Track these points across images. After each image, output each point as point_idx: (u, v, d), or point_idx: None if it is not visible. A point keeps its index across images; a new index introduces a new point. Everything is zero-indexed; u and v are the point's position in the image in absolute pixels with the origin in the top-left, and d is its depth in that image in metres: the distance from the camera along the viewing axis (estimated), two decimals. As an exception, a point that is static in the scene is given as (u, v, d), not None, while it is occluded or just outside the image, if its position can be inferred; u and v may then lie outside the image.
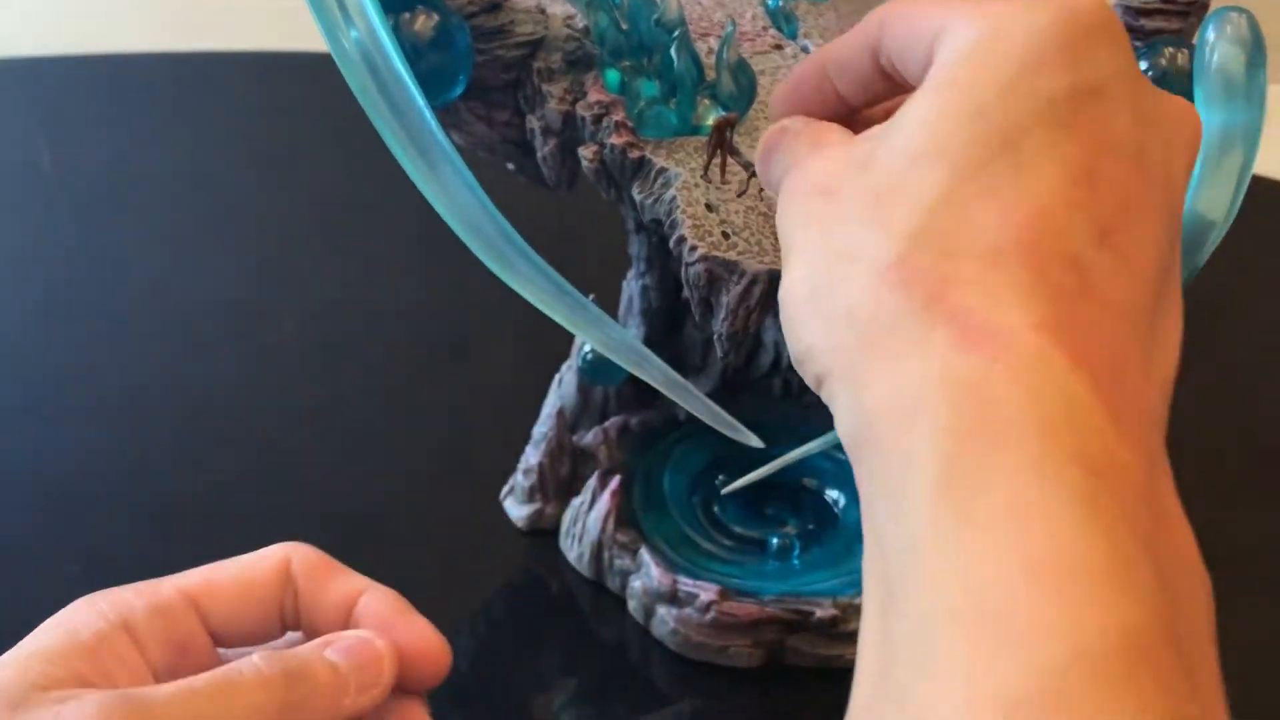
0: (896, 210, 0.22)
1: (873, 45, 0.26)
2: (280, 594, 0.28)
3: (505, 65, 0.39)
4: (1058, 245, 0.21)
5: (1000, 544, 0.17)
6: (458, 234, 0.32)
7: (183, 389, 0.51)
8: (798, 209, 0.25)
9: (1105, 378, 0.19)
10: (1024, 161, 0.21)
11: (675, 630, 0.37)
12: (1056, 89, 0.21)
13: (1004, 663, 0.16)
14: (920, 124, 0.22)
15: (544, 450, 0.42)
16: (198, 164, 0.67)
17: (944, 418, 0.19)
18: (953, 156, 0.21)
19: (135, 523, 0.45)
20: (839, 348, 0.22)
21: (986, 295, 0.20)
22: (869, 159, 0.23)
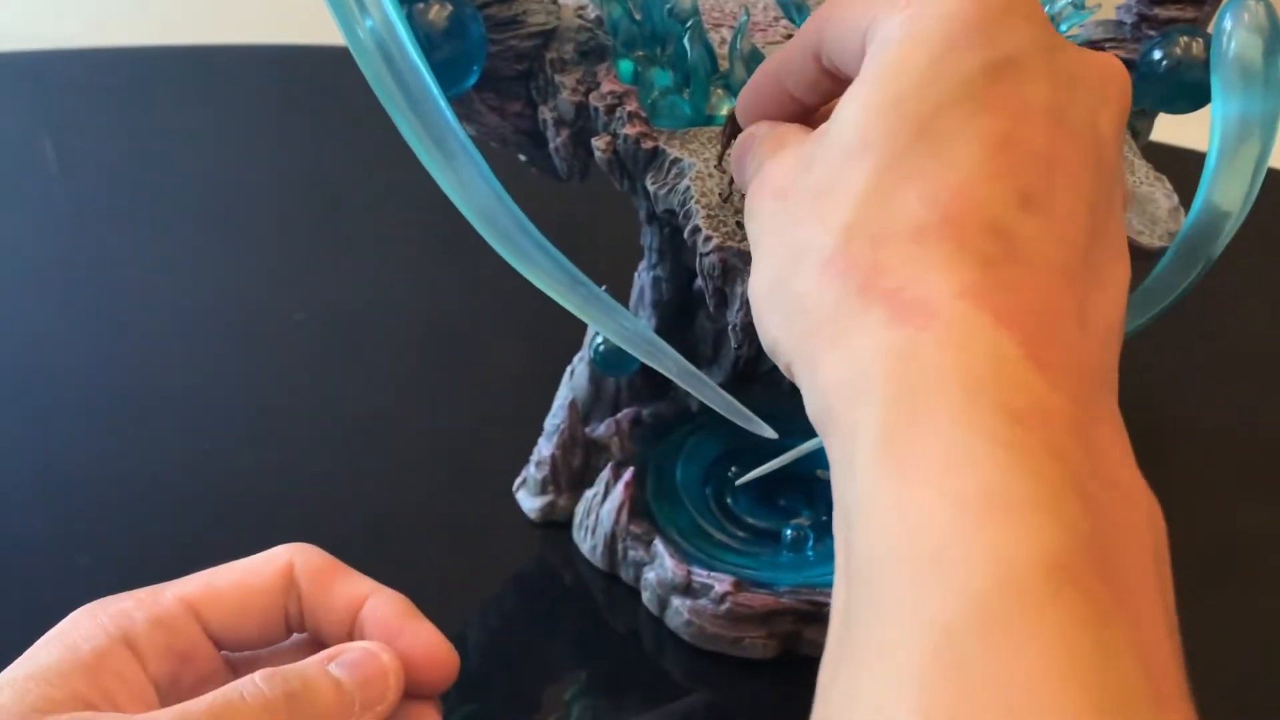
0: (832, 206, 0.23)
1: (813, 48, 0.27)
2: (283, 599, 0.28)
3: (518, 56, 0.39)
4: (979, 215, 0.22)
5: (933, 490, 0.19)
6: (473, 225, 0.32)
7: (191, 384, 0.51)
8: (758, 213, 0.27)
9: (1033, 332, 0.21)
10: (941, 142, 0.22)
11: (690, 621, 0.37)
12: (970, 68, 0.22)
13: (939, 591, 0.18)
14: (846, 123, 0.23)
15: (556, 442, 0.42)
16: (202, 159, 0.67)
17: (882, 388, 0.20)
18: (876, 148, 0.23)
19: (144, 518, 0.45)
20: (796, 337, 0.23)
21: (913, 272, 0.22)
22: (810, 160, 0.25)
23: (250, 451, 0.48)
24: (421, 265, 0.59)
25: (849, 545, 0.20)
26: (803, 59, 0.28)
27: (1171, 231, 0.38)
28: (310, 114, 0.72)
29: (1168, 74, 0.39)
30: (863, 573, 0.19)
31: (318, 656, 0.27)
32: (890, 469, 0.19)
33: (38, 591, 0.42)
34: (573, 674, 0.39)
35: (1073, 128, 0.23)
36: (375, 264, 0.60)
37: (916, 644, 0.17)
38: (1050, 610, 0.17)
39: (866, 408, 0.20)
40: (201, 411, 0.49)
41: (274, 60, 0.76)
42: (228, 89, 0.74)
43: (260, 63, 0.76)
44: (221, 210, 0.63)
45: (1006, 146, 0.22)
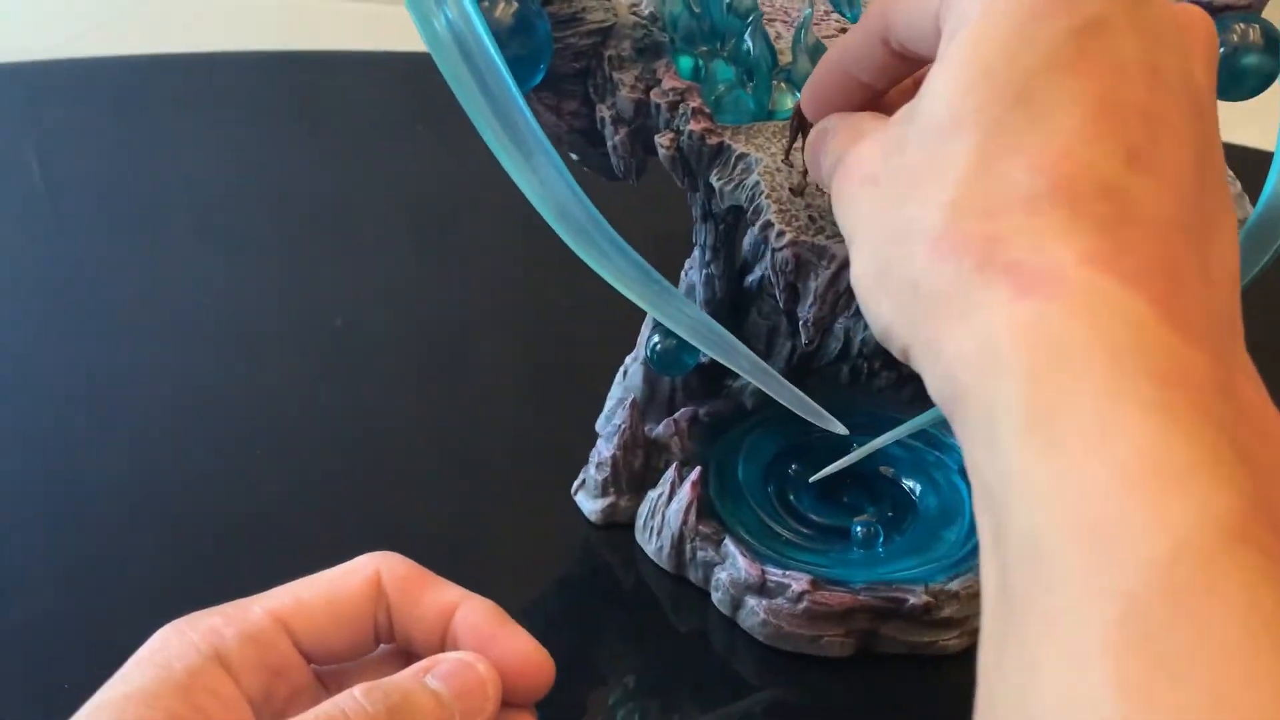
0: (933, 185, 0.23)
1: (880, 33, 0.27)
2: (372, 609, 0.28)
3: (576, 54, 0.39)
4: (1089, 178, 0.21)
5: (1088, 460, 0.18)
6: (549, 221, 0.32)
7: (237, 397, 0.50)
8: (849, 201, 0.26)
9: (1159, 290, 0.20)
10: (1040, 110, 0.22)
11: (766, 621, 0.37)
12: (1057, 33, 0.22)
13: (1115, 563, 0.17)
14: (938, 100, 0.23)
15: (617, 443, 0.42)
16: (195, 168, 0.66)
17: (1016, 362, 0.20)
18: (972, 122, 0.22)
19: (208, 538, 0.44)
20: (912, 322, 0.23)
21: (1030, 243, 0.21)
22: (901, 142, 0.25)
23: (301, 463, 0.47)
24: (467, 275, 0.59)
25: (1000, 523, 0.20)
26: (870, 44, 0.28)
27: (1238, 219, 0.38)
28: (302, 120, 0.71)
29: (1226, 61, 0.39)
30: (1024, 550, 0.19)
31: (414, 668, 0.26)
32: (1042, 443, 0.19)
33: (105, 609, 0.41)
34: (645, 675, 0.39)
35: (1169, 81, 0.23)
36: (401, 270, 0.59)
37: (1099, 616, 0.17)
38: (1233, 571, 0.17)
39: (1004, 383, 0.20)
40: (247, 425, 0.49)
41: (258, 67, 0.76)
42: (218, 97, 0.73)
43: (248, 70, 0.76)
44: (224, 219, 0.62)
45: (1106, 106, 0.22)
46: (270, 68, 0.76)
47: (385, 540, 0.43)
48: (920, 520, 0.41)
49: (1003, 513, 0.19)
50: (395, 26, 0.98)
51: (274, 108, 0.73)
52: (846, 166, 0.27)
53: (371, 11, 1.02)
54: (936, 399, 0.23)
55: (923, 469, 0.43)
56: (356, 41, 0.81)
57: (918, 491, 0.42)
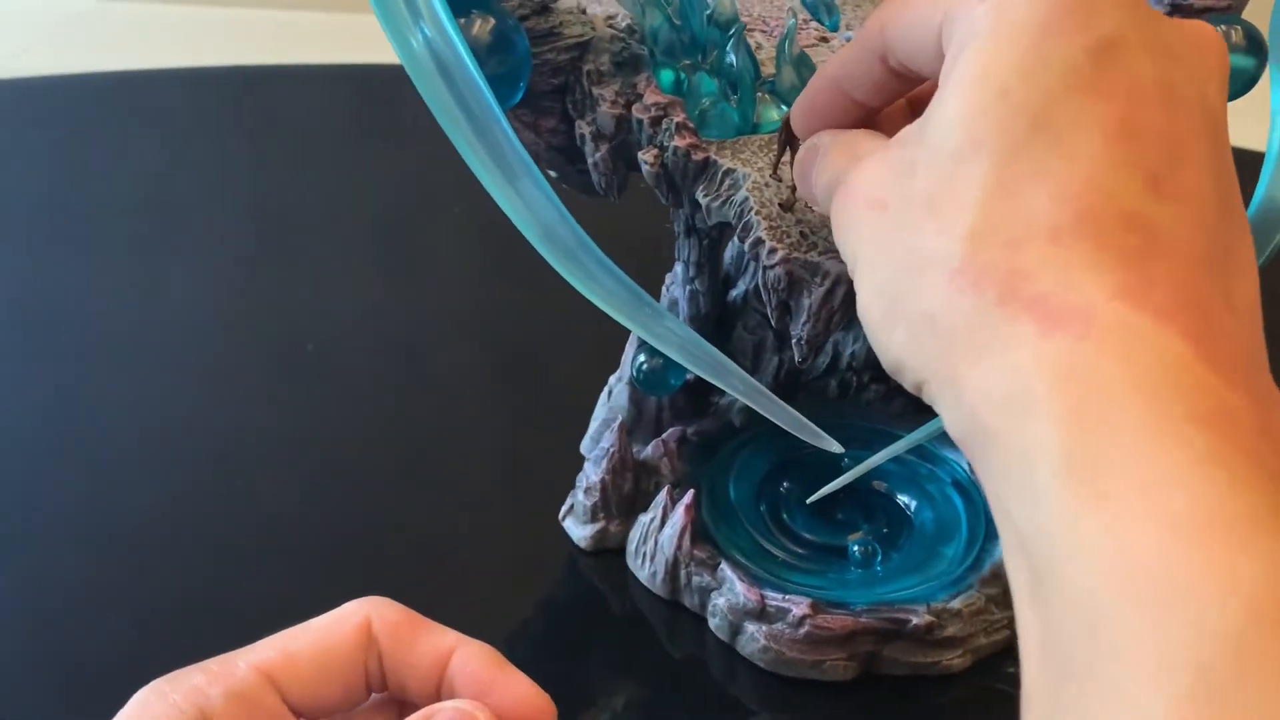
0: (949, 212, 0.22)
1: (878, 50, 0.26)
2: (363, 658, 0.26)
3: (554, 69, 0.38)
4: (1113, 208, 0.21)
5: (1140, 514, 0.18)
6: (534, 244, 0.31)
7: (199, 423, 0.49)
8: (853, 226, 0.25)
9: (1192, 326, 0.20)
10: (1060, 134, 0.21)
11: (767, 647, 0.36)
12: (1073, 53, 0.21)
13: (1178, 630, 0.16)
14: (951, 122, 0.22)
15: (606, 466, 0.40)
16: (142, 185, 0.64)
17: (1050, 405, 0.19)
18: (989, 146, 0.22)
19: (175, 575, 0.42)
20: (928, 356, 0.22)
21: (1056, 276, 0.20)
22: (910, 165, 0.23)
23: (274, 488, 0.46)
24: (441, 296, 0.58)
25: (1041, 575, 0.19)
26: (866, 61, 0.27)
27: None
28: (252, 135, 0.69)
29: (1210, 63, 0.38)
30: (1076, 611, 0.18)
31: (412, 718, 0.25)
32: (1087, 494, 0.18)
33: (80, 645, 0.39)
34: (641, 703, 0.38)
35: (1185, 103, 0.22)
36: (364, 289, 0.57)
37: (1168, 689, 0.16)
38: None
39: (1038, 426, 0.19)
40: (226, 446, 0.47)
41: (205, 82, 0.74)
42: (164, 114, 0.72)
43: (194, 86, 0.74)
44: (176, 238, 0.60)
45: (1127, 131, 0.21)
46: (217, 83, 0.75)
47: (364, 572, 0.43)
48: (917, 536, 0.40)
49: (1045, 565, 0.19)
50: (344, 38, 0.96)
51: (223, 124, 0.71)
52: (849, 189, 0.26)
53: (319, 23, 1.00)
54: (956, 437, 0.22)
55: (916, 483, 0.42)
56: (304, 54, 0.79)
57: (913, 507, 0.41)
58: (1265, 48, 0.38)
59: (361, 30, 0.81)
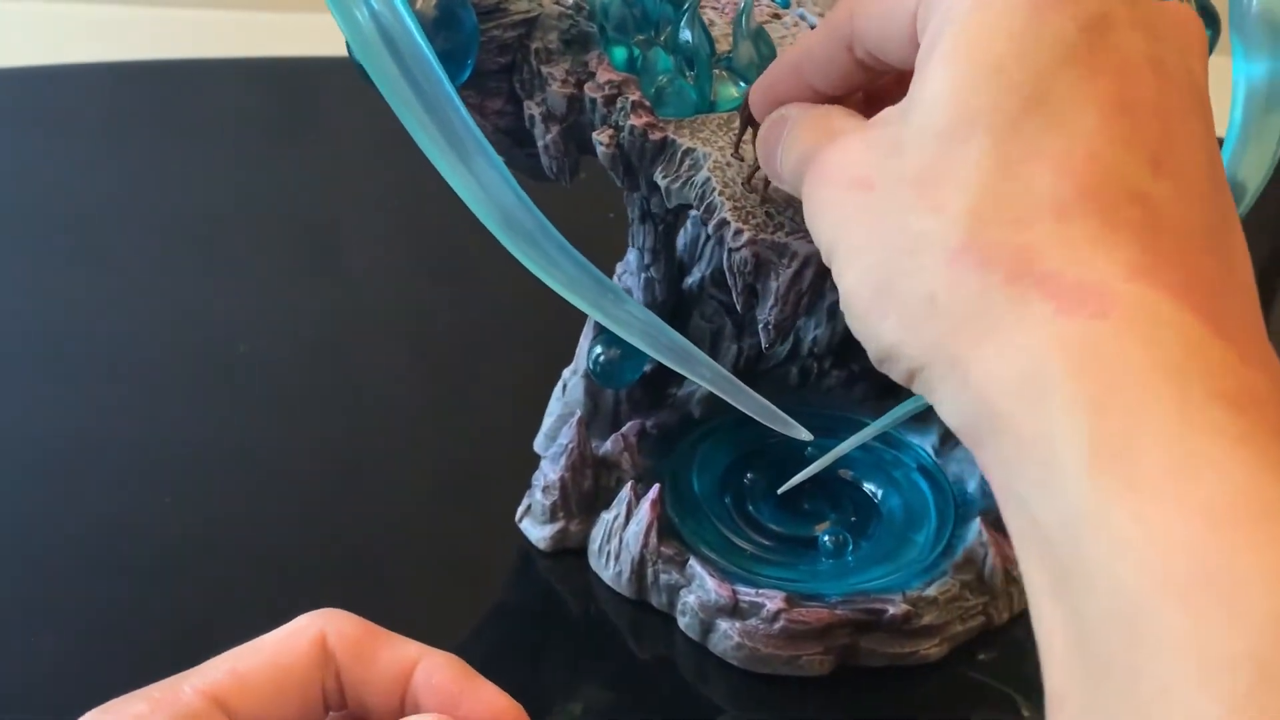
0: (945, 191, 0.21)
1: (845, 38, 0.26)
2: (320, 675, 0.24)
3: (500, 47, 0.36)
4: (1118, 184, 0.20)
5: (1173, 502, 0.17)
6: (491, 228, 0.29)
7: (129, 433, 0.46)
8: (831, 206, 0.24)
9: (1205, 304, 0.19)
10: (1058, 110, 0.21)
11: (740, 644, 0.35)
12: (1065, 28, 0.21)
13: (1227, 623, 0.16)
14: (942, 98, 0.22)
15: (565, 464, 0.39)
16: (71, 185, 0.61)
17: (1070, 388, 0.18)
18: (985, 124, 0.21)
19: (121, 576, 0.40)
20: (928, 340, 0.21)
21: (1067, 254, 0.20)
22: (896, 144, 0.23)
23: (208, 498, 0.43)
24: (340, 288, 0.55)
25: (1067, 570, 0.18)
26: (832, 50, 0.26)
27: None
28: (168, 132, 0.66)
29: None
30: (1112, 606, 0.17)
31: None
32: (1116, 482, 0.17)
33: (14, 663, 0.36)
34: (608, 707, 0.36)
35: (1174, 79, 0.22)
36: (292, 289, 0.55)
37: (1227, 687, 0.15)
38: None
39: (1055, 412, 0.18)
40: (174, 450, 0.45)
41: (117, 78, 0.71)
42: (76, 111, 0.68)
43: (106, 81, 0.71)
44: (93, 239, 0.57)
45: (1124, 107, 0.21)
46: (129, 79, 0.71)
47: (308, 584, 0.40)
48: (886, 524, 0.39)
49: (1072, 559, 0.18)
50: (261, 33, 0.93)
51: (136, 121, 0.67)
52: (824, 167, 0.25)
53: (235, 20, 0.97)
54: (957, 425, 0.21)
55: (882, 469, 0.41)
56: (219, 49, 0.77)
57: (880, 495, 0.40)
58: (1218, 19, 0.38)
59: (279, 24, 0.78)
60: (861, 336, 0.23)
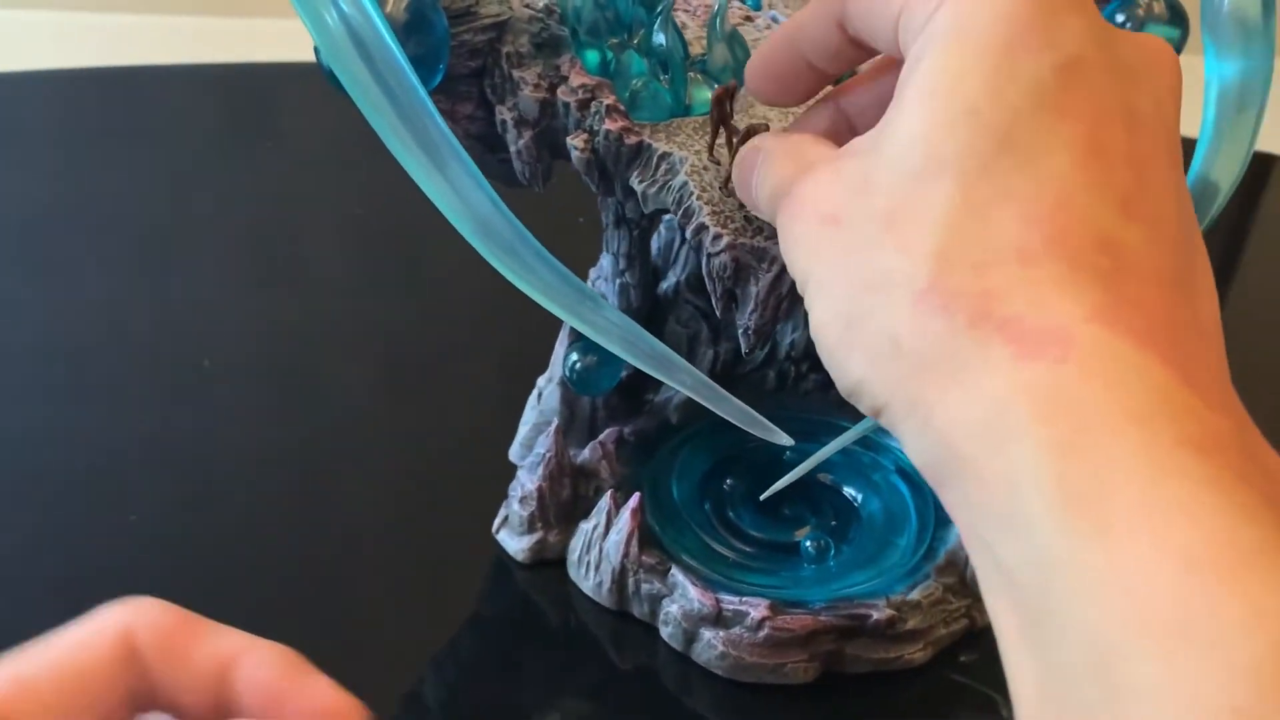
0: (912, 231, 0.21)
1: (837, 15, 0.25)
2: (125, 677, 0.21)
3: (471, 51, 0.35)
4: (1085, 229, 0.20)
5: (1147, 547, 0.17)
6: (466, 236, 0.28)
7: (126, 437, 0.45)
8: (804, 240, 0.24)
9: (1169, 348, 0.19)
10: (1028, 153, 0.21)
11: (724, 653, 0.34)
12: (1039, 71, 0.21)
13: (1208, 670, 0.15)
14: (913, 138, 0.22)
15: (542, 473, 0.38)
16: (90, 181, 0.60)
17: (1034, 432, 0.18)
18: (956, 165, 0.21)
19: (97, 589, 0.38)
20: (891, 380, 0.21)
21: (1030, 298, 0.20)
22: (867, 180, 0.23)
23: (190, 512, 0.42)
24: (299, 296, 0.54)
25: (1037, 616, 0.18)
26: (825, 25, 0.26)
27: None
28: (118, 140, 0.65)
29: (1133, 36, 0.38)
30: (1085, 654, 0.17)
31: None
32: (1087, 525, 0.17)
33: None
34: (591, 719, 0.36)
35: (1146, 122, 0.22)
36: (250, 297, 0.54)
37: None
38: None
39: (1020, 456, 0.18)
40: (137, 462, 0.43)
41: (68, 85, 0.69)
42: (24, 120, 0.67)
43: (57, 89, 0.69)
44: (43, 249, 0.56)
45: (1095, 151, 0.21)
46: (80, 86, 0.70)
47: (284, 597, 0.39)
48: (866, 528, 0.39)
49: (1040, 603, 0.17)
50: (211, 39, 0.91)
51: (88, 129, 0.66)
52: (797, 200, 0.24)
53: (185, 26, 0.95)
54: (920, 464, 0.21)
55: (860, 473, 0.41)
56: (169, 55, 0.75)
57: (859, 499, 0.40)
58: (1187, 19, 0.38)
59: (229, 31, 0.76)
60: (830, 369, 0.23)
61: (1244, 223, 0.64)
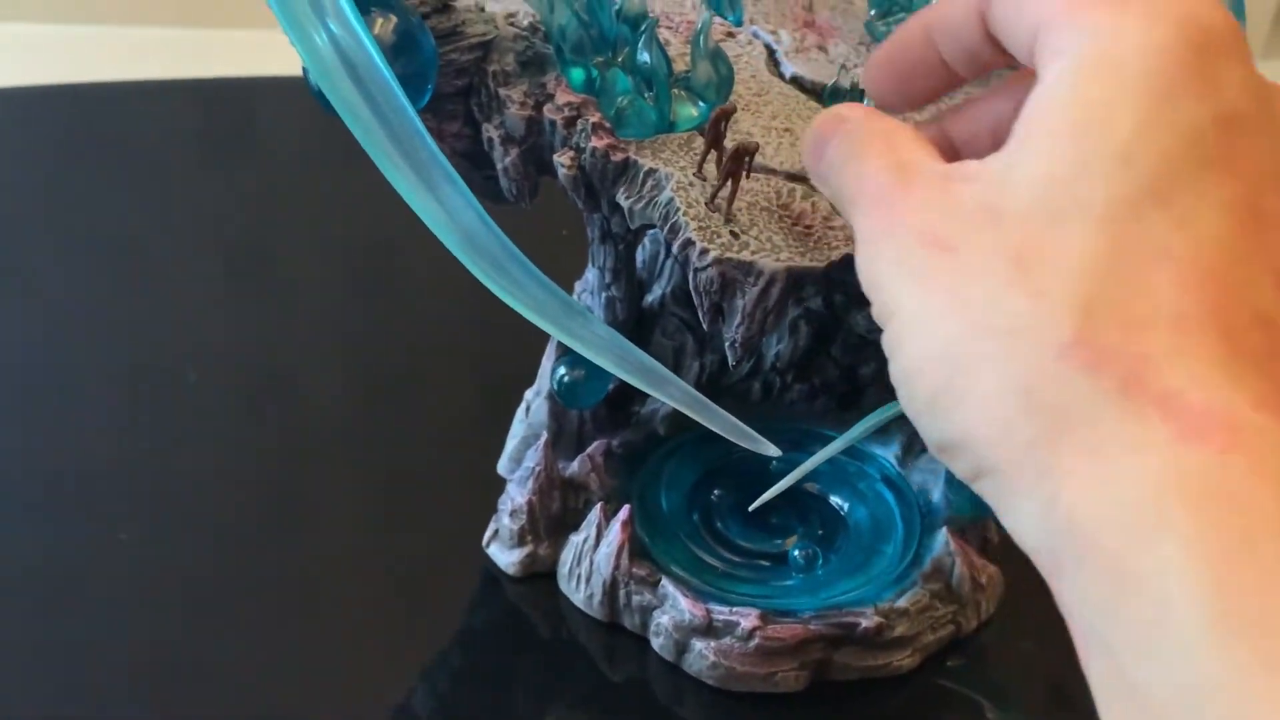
0: (1049, 275, 0.19)
1: (980, 6, 0.23)
2: None
3: (458, 70, 0.36)
4: (1242, 302, 0.19)
5: None
6: (456, 254, 0.29)
7: (111, 453, 0.45)
8: (900, 261, 0.21)
9: None
10: (1184, 210, 0.19)
11: (716, 664, 0.35)
12: (1199, 121, 0.19)
13: None
14: (1053, 176, 0.20)
15: (532, 486, 0.38)
16: (66, 200, 0.59)
17: (1192, 529, 0.16)
18: (1104, 212, 0.19)
19: (84, 606, 0.38)
20: (1014, 441, 0.19)
21: (1189, 372, 0.18)
22: (991, 210, 0.20)
23: (179, 529, 0.42)
24: (276, 312, 0.54)
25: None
26: (965, 18, 0.23)
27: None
28: (92, 156, 0.65)
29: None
30: None
31: None
32: (1251, 656, 0.15)
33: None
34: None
35: None
36: (228, 313, 0.54)
37: None
38: None
39: (1171, 555, 0.16)
40: (118, 486, 0.43)
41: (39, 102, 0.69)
42: (43, 134, 0.67)
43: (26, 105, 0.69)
44: (95, 256, 0.56)
45: (1254, 216, 0.19)
46: (53, 103, 0.70)
47: (277, 611, 0.39)
48: (853, 536, 0.39)
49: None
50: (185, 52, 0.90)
51: (63, 146, 0.66)
52: (894, 212, 0.22)
53: (158, 37, 0.95)
54: (1032, 545, 0.19)
55: (846, 481, 0.41)
56: (143, 70, 0.75)
57: (846, 507, 0.40)
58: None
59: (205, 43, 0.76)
60: (921, 419, 0.21)
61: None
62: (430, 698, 0.37)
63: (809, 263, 0.32)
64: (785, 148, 0.35)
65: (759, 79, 0.38)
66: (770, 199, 0.33)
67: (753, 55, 0.39)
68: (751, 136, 0.35)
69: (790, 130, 0.36)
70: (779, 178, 0.34)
